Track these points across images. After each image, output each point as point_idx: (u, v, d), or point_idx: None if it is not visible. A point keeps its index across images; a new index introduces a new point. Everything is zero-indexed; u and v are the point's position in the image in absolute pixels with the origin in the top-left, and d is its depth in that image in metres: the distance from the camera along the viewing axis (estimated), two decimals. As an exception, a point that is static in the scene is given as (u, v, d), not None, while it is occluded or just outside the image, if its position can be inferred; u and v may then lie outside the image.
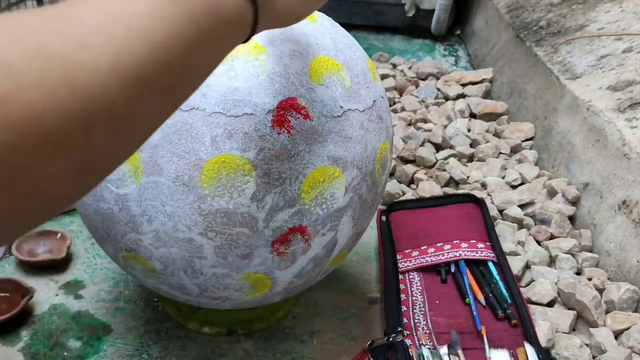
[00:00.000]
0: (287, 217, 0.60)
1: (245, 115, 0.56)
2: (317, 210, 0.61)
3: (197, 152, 0.57)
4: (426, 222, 0.98)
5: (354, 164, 0.62)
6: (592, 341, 0.77)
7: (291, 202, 0.59)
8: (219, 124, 0.56)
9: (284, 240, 0.61)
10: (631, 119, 0.99)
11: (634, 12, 1.32)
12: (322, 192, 0.60)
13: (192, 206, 0.58)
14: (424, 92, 1.50)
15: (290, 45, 0.61)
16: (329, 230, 0.64)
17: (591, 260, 0.91)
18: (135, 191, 0.59)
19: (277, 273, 0.64)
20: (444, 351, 0.74)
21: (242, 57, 0.58)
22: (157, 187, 0.58)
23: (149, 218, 0.60)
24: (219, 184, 0.57)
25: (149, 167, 0.58)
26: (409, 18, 2.10)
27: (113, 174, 0.54)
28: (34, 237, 0.93)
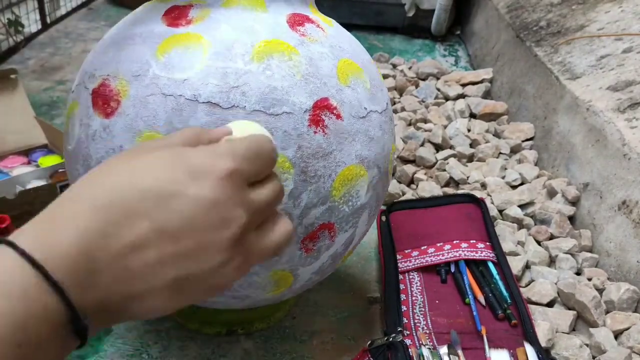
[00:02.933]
0: (318, 214, 0.61)
1: (284, 114, 0.57)
2: (344, 208, 0.63)
3: None
4: (426, 222, 0.98)
5: (375, 163, 0.65)
6: (592, 341, 0.77)
7: (323, 200, 0.61)
8: (260, 123, 0.56)
9: (313, 237, 0.62)
10: (631, 119, 0.99)
11: (634, 12, 1.32)
12: (350, 189, 0.62)
13: None
14: (424, 92, 1.50)
15: (318, 47, 0.62)
16: (351, 227, 0.66)
17: (591, 260, 0.91)
18: None
19: (301, 270, 0.65)
20: (443, 351, 0.74)
21: (277, 56, 0.59)
22: None
23: None
24: None
25: None
26: (409, 18, 2.10)
27: None
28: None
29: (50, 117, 1.37)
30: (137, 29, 0.62)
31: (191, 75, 0.57)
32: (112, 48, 0.62)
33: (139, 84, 0.58)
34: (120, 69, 0.59)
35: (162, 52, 0.59)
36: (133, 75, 0.58)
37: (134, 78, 0.58)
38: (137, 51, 0.59)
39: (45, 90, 1.53)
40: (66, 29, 2.01)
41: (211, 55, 0.58)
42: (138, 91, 0.57)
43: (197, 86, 0.56)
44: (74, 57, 1.76)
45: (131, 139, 0.58)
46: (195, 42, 0.58)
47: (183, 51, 0.58)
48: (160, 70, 0.58)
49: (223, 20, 0.61)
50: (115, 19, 2.14)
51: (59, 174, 1.06)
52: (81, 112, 0.62)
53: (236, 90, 0.57)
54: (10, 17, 1.75)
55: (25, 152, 1.13)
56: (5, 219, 0.91)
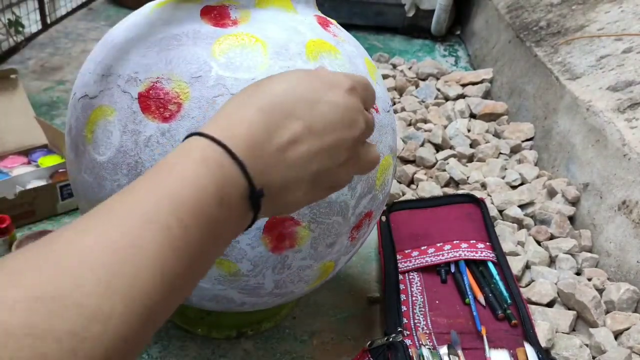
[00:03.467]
0: (366, 202, 0.65)
1: None
2: (380, 196, 0.67)
3: None
4: (426, 222, 0.98)
5: (395, 153, 0.71)
6: (592, 341, 0.77)
7: (370, 189, 0.64)
8: None
9: (359, 225, 0.66)
10: (631, 119, 0.99)
11: (634, 13, 1.32)
12: (384, 178, 0.67)
13: None
14: (424, 93, 1.50)
15: (349, 47, 0.66)
16: (381, 213, 0.72)
17: (591, 260, 0.91)
18: None
19: (342, 259, 0.68)
20: (443, 351, 0.74)
21: (327, 55, 0.62)
22: None
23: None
24: None
25: None
26: (409, 18, 2.10)
27: None
28: (34, 238, 0.93)
29: (50, 117, 1.38)
30: (177, 29, 0.60)
31: (257, 75, 0.58)
32: (153, 50, 0.59)
33: (201, 85, 0.57)
34: (173, 71, 0.57)
35: (219, 53, 0.58)
36: (192, 76, 0.57)
37: (194, 80, 0.57)
38: (189, 52, 0.58)
39: (45, 90, 1.53)
40: (66, 29, 2.01)
41: (272, 55, 0.59)
42: (202, 92, 0.57)
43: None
44: (74, 57, 1.76)
45: None
46: (251, 42, 0.59)
47: (241, 51, 0.58)
48: (224, 71, 0.57)
49: (268, 21, 0.62)
50: (115, 19, 2.13)
51: (59, 174, 1.06)
52: (123, 118, 0.58)
53: None
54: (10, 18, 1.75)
55: (25, 152, 1.13)
56: (5, 219, 0.91)
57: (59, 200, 1.02)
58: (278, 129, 0.36)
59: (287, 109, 0.37)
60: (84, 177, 0.63)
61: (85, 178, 0.62)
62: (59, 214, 1.02)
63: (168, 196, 0.30)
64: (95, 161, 0.60)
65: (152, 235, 0.28)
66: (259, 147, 0.35)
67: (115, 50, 0.62)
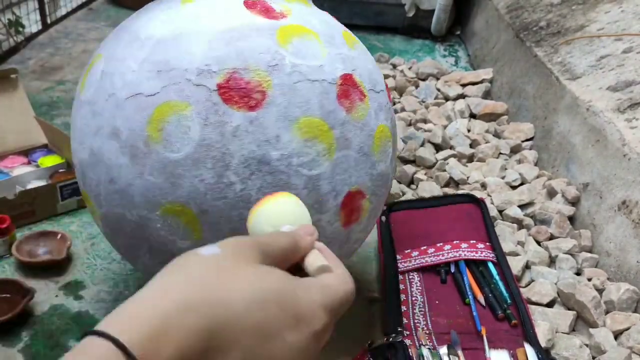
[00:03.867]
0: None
1: (381, 91, 0.70)
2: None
3: (369, 124, 0.66)
4: (426, 222, 0.98)
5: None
6: (592, 341, 0.77)
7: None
8: (375, 100, 0.68)
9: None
10: (631, 119, 0.99)
11: (634, 13, 1.32)
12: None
13: (367, 173, 0.65)
14: (424, 93, 1.50)
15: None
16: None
17: (591, 260, 0.91)
18: (328, 169, 0.62)
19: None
20: (443, 351, 0.74)
21: (356, 45, 0.70)
22: (346, 161, 0.63)
23: (336, 194, 0.63)
24: (381, 150, 0.67)
25: (340, 142, 0.62)
26: (409, 18, 2.10)
27: (301, 157, 0.58)
28: (34, 238, 0.93)
29: (50, 117, 1.38)
30: (231, 22, 0.62)
31: (323, 62, 0.62)
32: (218, 42, 0.60)
33: (280, 73, 0.59)
34: (248, 61, 0.59)
35: (284, 43, 0.61)
36: (269, 65, 0.59)
37: (271, 68, 0.59)
38: (257, 43, 0.60)
39: (45, 90, 1.53)
40: (66, 29, 2.01)
41: (325, 44, 0.64)
42: (282, 80, 0.59)
43: (331, 70, 0.63)
44: (74, 57, 1.76)
45: (287, 127, 0.59)
46: (306, 33, 0.64)
47: (301, 41, 0.62)
48: (296, 59, 0.61)
49: (305, 14, 0.67)
50: (115, 19, 2.13)
51: (59, 174, 1.06)
52: (202, 111, 0.57)
53: (355, 72, 0.65)
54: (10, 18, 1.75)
55: (25, 152, 1.13)
56: (5, 219, 0.91)
57: (59, 201, 1.02)
58: (214, 355, 0.29)
59: (234, 333, 0.29)
60: (147, 180, 0.60)
61: (150, 181, 0.59)
62: (59, 214, 1.02)
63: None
64: (168, 160, 0.58)
65: None
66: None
67: (165, 45, 0.61)
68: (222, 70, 0.58)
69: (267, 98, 0.58)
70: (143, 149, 0.59)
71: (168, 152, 0.58)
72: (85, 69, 0.69)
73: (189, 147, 0.58)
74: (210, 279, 0.31)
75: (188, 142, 0.57)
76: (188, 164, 0.58)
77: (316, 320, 0.32)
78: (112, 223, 0.67)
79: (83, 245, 0.95)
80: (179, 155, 0.58)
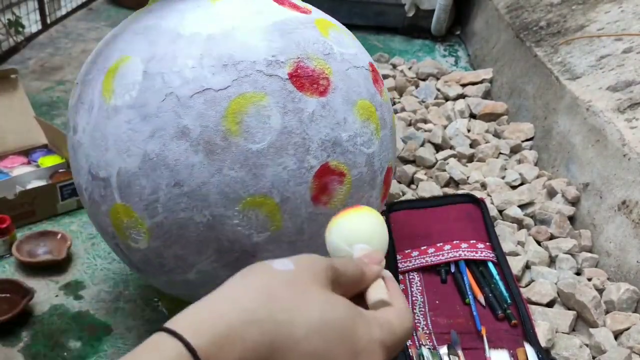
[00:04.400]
0: None
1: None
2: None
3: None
4: (426, 222, 0.98)
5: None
6: (592, 341, 0.77)
7: None
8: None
9: None
10: (631, 119, 0.99)
11: (634, 13, 1.32)
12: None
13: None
14: (424, 93, 1.50)
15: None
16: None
17: (591, 260, 0.91)
18: (377, 147, 0.68)
19: None
20: (443, 351, 0.74)
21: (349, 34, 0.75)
22: (385, 139, 0.70)
23: (382, 170, 0.70)
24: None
25: (382, 122, 0.69)
26: (409, 18, 2.10)
27: (362, 136, 0.65)
28: (34, 238, 0.93)
29: (50, 117, 1.38)
30: (275, 16, 0.65)
31: (355, 51, 0.69)
32: (273, 34, 0.63)
33: (333, 61, 0.65)
34: (307, 50, 0.63)
35: (325, 34, 0.66)
36: (324, 54, 0.64)
37: (326, 57, 0.64)
38: (307, 34, 0.65)
39: (45, 90, 1.53)
40: (66, 29, 2.01)
41: (349, 35, 0.71)
42: (337, 67, 0.64)
43: (362, 58, 0.69)
44: (74, 57, 1.77)
45: (350, 110, 0.63)
46: (333, 25, 0.69)
47: (334, 32, 0.68)
48: (340, 48, 0.67)
49: (318, 10, 0.72)
50: (115, 19, 2.14)
51: (59, 174, 1.07)
52: (279, 100, 0.60)
53: (368, 57, 0.73)
54: (10, 18, 1.75)
55: (25, 152, 1.13)
56: (5, 219, 0.91)
57: (59, 201, 1.02)
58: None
59: (291, 356, 0.30)
60: (227, 176, 0.59)
61: (229, 176, 0.59)
62: (59, 214, 1.02)
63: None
64: (250, 151, 0.59)
65: None
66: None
67: (219, 41, 0.62)
68: (288, 60, 0.62)
69: (331, 84, 0.63)
70: (221, 144, 0.59)
71: (250, 143, 0.59)
72: (103, 74, 0.64)
73: (270, 136, 0.59)
74: (279, 295, 0.32)
75: (269, 131, 0.59)
76: (271, 153, 0.59)
77: (373, 357, 0.33)
78: (168, 232, 0.62)
79: (83, 245, 0.95)
80: (261, 146, 0.59)
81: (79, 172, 0.68)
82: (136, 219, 0.63)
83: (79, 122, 0.66)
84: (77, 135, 0.67)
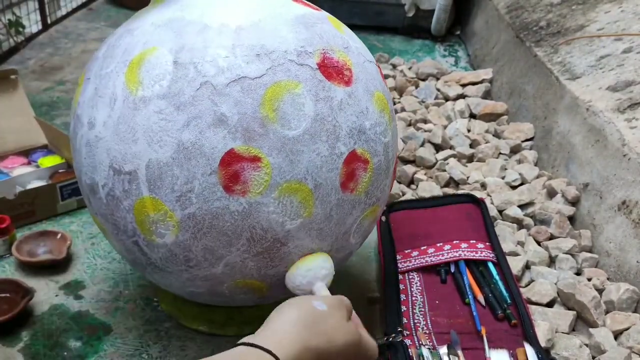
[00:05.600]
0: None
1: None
2: None
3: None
4: (426, 222, 0.98)
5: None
6: (592, 341, 0.77)
7: None
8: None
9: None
10: (631, 119, 0.99)
11: (634, 13, 1.32)
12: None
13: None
14: (424, 93, 1.50)
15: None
16: None
17: (591, 260, 0.91)
18: (391, 136, 0.72)
19: None
20: (443, 351, 0.74)
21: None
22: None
23: (393, 159, 0.74)
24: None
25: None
26: (409, 18, 2.10)
27: (380, 126, 0.68)
28: (34, 238, 0.93)
29: (50, 117, 1.38)
30: (296, 10, 0.67)
31: (360, 45, 0.72)
32: (298, 27, 0.65)
33: (352, 54, 0.68)
34: (330, 43, 0.66)
35: (339, 29, 0.70)
36: (344, 47, 0.67)
37: (346, 49, 0.67)
38: (326, 28, 0.68)
39: (45, 90, 1.53)
40: (66, 29, 2.01)
41: (353, 33, 0.74)
42: (356, 59, 0.68)
43: (368, 53, 0.73)
44: (74, 57, 1.77)
45: (370, 100, 0.67)
46: (341, 24, 0.73)
47: (345, 30, 0.72)
48: (353, 42, 0.70)
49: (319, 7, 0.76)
50: (115, 19, 2.14)
51: (59, 174, 1.07)
52: (312, 88, 0.62)
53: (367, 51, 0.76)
54: (10, 18, 1.76)
55: (25, 153, 1.13)
56: (5, 219, 0.91)
57: (59, 201, 1.02)
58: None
59: (330, 357, 0.53)
60: (266, 163, 0.60)
61: (269, 162, 0.60)
62: (59, 214, 1.02)
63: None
64: (287, 138, 0.60)
65: None
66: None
67: (249, 31, 0.63)
68: (316, 51, 0.64)
69: (354, 75, 0.66)
70: (259, 131, 0.60)
71: (286, 130, 0.60)
72: (125, 66, 0.63)
73: (305, 123, 0.61)
74: (322, 330, 0.53)
75: (304, 118, 0.61)
76: (306, 140, 0.61)
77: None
78: (200, 223, 0.62)
79: (83, 245, 0.95)
80: (297, 132, 0.61)
81: (94, 169, 0.65)
82: (165, 211, 0.62)
83: (97, 116, 0.65)
84: (95, 130, 0.65)
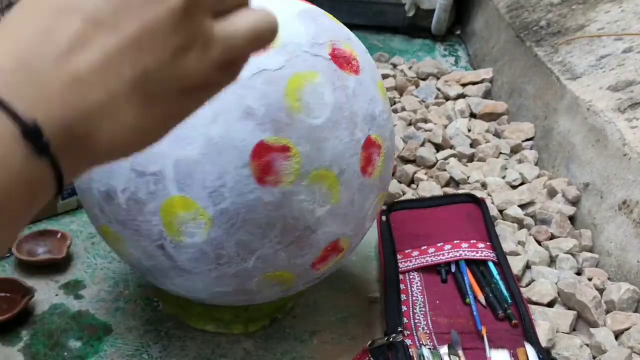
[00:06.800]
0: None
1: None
2: None
3: None
4: (426, 222, 0.98)
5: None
6: (592, 341, 0.77)
7: None
8: None
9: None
10: (631, 119, 0.99)
11: (634, 12, 1.32)
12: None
13: None
14: (424, 92, 1.50)
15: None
16: None
17: (591, 260, 0.91)
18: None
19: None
20: (444, 351, 0.74)
21: None
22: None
23: (394, 146, 0.76)
24: None
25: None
26: (409, 18, 2.10)
27: (386, 112, 0.70)
28: (34, 237, 0.93)
29: (50, 117, 1.37)
30: (298, 6, 0.69)
31: (356, 38, 0.74)
32: (305, 21, 0.66)
33: (354, 45, 0.70)
34: (336, 35, 0.68)
35: (337, 23, 0.72)
36: (347, 38, 0.69)
37: (349, 41, 0.69)
38: (327, 22, 0.69)
39: (45, 90, 1.53)
40: (66, 28, 2.01)
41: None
42: (358, 50, 0.70)
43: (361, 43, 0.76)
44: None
45: (376, 88, 0.69)
46: (334, 17, 0.73)
47: (339, 22, 0.75)
48: (351, 35, 0.72)
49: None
50: (115, 19, 2.13)
51: (58, 173, 1.06)
52: (329, 78, 0.63)
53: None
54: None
55: (25, 152, 1.12)
56: (5, 218, 0.91)
57: (59, 200, 1.01)
58: (51, 35, 0.25)
59: (54, 4, 0.26)
60: (295, 152, 0.61)
61: (297, 150, 0.61)
62: (59, 214, 1.02)
63: None
64: (312, 126, 0.62)
65: None
66: (29, 66, 0.25)
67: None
68: (325, 42, 0.66)
69: (360, 64, 0.67)
70: (286, 121, 0.60)
71: (311, 119, 0.62)
72: None
73: (327, 111, 0.62)
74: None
75: (325, 106, 0.63)
76: (329, 127, 0.62)
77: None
78: (233, 218, 0.61)
79: (83, 245, 0.95)
80: (320, 120, 0.62)
81: (111, 174, 0.63)
82: (197, 209, 0.61)
83: None
84: None
